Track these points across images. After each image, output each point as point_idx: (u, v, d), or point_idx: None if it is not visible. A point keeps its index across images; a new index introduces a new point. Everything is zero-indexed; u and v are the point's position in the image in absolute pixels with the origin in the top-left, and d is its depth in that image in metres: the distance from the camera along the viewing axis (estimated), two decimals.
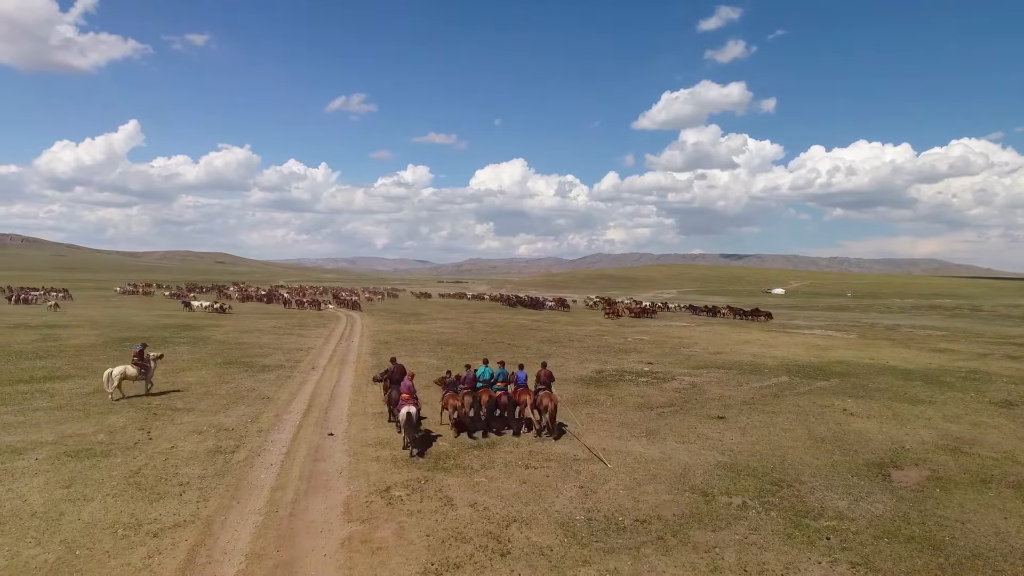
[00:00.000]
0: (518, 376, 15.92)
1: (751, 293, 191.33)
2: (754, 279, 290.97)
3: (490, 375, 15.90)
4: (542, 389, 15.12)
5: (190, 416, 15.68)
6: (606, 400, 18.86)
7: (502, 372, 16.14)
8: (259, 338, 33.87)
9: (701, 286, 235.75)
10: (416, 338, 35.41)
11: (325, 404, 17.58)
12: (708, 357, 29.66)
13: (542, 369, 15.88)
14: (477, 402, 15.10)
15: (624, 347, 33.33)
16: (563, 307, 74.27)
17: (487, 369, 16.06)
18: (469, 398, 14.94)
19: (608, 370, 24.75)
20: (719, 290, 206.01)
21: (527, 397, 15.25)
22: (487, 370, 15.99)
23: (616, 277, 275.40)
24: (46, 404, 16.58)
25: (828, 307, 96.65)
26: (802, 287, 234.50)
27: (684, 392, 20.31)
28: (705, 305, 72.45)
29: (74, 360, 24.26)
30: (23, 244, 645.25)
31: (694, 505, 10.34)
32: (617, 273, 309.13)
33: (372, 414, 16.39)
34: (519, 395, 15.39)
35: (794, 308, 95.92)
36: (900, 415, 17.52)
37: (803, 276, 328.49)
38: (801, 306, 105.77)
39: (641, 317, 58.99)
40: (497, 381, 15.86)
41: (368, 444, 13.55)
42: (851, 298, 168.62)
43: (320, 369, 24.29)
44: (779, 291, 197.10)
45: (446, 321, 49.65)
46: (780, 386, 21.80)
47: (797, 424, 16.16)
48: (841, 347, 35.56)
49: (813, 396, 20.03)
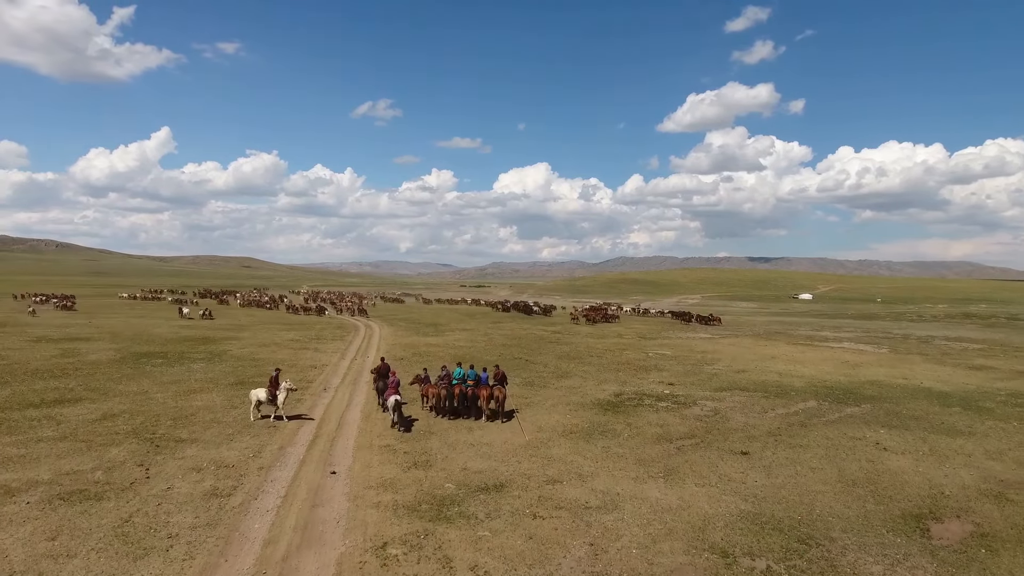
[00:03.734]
0: (481, 376, 20.66)
1: (777, 298, 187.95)
2: (781, 283, 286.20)
3: (461, 374, 20.68)
4: (495, 385, 20.24)
5: (193, 449, 15.27)
6: (623, 430, 18.04)
7: (471, 373, 20.96)
8: (275, 353, 33.64)
9: (726, 290, 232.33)
10: (433, 353, 34.85)
11: (332, 434, 17.07)
12: (732, 376, 28.62)
13: (496, 370, 21.28)
14: (451, 395, 20.04)
15: (645, 364, 32.41)
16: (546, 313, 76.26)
17: (460, 370, 20.92)
18: (444, 391, 19.97)
19: (627, 392, 23.90)
20: (744, 295, 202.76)
21: (485, 392, 19.79)
22: (460, 371, 20.88)
23: (639, 281, 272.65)
24: (51, 433, 16.32)
25: (858, 314, 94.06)
26: (830, 291, 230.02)
27: (706, 420, 19.40)
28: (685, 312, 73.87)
29: (88, 380, 24.13)
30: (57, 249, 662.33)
31: (713, 570, 9.53)
32: (641, 277, 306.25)
33: (378, 447, 15.82)
34: (480, 391, 19.92)
35: (822, 316, 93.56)
36: (938, 450, 16.43)
37: (831, 280, 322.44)
38: (829, 313, 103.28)
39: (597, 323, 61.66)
40: (467, 380, 20.50)
41: (370, 486, 12.95)
42: (881, 303, 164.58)
43: (332, 390, 23.89)
44: (806, 296, 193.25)
45: (464, 332, 49.10)
46: (808, 413, 20.76)
47: (826, 462, 15.19)
48: (872, 364, 34.18)
49: (843, 426, 18.99)
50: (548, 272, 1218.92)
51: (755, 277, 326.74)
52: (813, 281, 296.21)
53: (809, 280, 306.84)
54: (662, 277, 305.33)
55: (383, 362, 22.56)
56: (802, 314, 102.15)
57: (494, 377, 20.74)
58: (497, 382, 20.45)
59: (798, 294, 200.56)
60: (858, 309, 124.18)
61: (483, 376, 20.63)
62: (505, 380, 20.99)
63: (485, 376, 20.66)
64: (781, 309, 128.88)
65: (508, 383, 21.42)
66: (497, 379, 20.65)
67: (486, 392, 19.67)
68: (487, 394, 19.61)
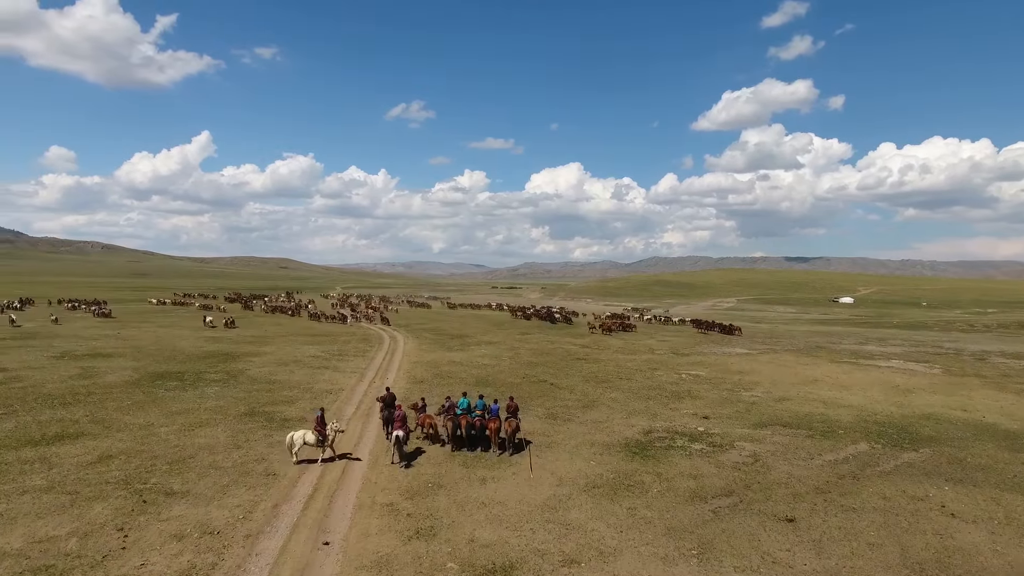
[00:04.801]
0: (492, 408, 20.05)
1: (816, 302, 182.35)
2: (819, 285, 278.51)
3: (466, 404, 20.27)
4: (509, 417, 19.80)
5: (181, 506, 14.12)
6: (652, 483, 16.34)
7: (480, 403, 20.53)
8: (293, 373, 32.69)
9: (762, 293, 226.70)
10: (455, 374, 33.49)
11: (334, 485, 15.78)
12: (772, 407, 26.57)
13: (510, 402, 20.59)
14: (457, 425, 19.52)
15: (677, 389, 30.51)
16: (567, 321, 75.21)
17: (465, 400, 20.57)
18: (451, 422, 19.55)
19: (658, 429, 22.12)
20: (781, 298, 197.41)
21: (494, 424, 19.35)
22: (465, 400, 20.52)
23: (672, 283, 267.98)
24: (39, 482, 15.38)
25: (904, 323, 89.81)
26: (872, 294, 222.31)
27: (745, 470, 17.55)
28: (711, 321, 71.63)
29: (97, 409, 23.37)
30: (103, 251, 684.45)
31: None
32: (674, 279, 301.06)
33: (381, 506, 14.44)
34: (490, 423, 19.46)
35: (865, 324, 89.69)
36: (1015, 517, 14.35)
37: (872, 281, 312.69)
38: (873, 321, 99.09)
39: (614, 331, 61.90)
40: (476, 410, 20.20)
41: (363, 565, 11.57)
42: (927, 307, 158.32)
43: (344, 422, 22.67)
44: (847, 300, 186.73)
45: (490, 346, 47.67)
46: (859, 460, 18.74)
47: (886, 534, 13.29)
48: (925, 389, 31.67)
49: (901, 479, 16.96)
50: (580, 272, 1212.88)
51: (792, 278, 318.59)
52: (853, 283, 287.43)
53: (849, 281, 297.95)
54: (696, 279, 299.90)
55: (388, 391, 21.72)
56: (844, 321, 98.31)
57: (507, 409, 20.19)
58: (510, 414, 19.95)
59: (838, 297, 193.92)
60: (903, 316, 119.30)
61: (494, 407, 20.12)
62: (518, 412, 20.41)
63: (496, 408, 20.11)
64: (821, 314, 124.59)
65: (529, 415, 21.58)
66: (510, 411, 20.09)
67: (495, 425, 19.31)
68: (496, 427, 19.28)
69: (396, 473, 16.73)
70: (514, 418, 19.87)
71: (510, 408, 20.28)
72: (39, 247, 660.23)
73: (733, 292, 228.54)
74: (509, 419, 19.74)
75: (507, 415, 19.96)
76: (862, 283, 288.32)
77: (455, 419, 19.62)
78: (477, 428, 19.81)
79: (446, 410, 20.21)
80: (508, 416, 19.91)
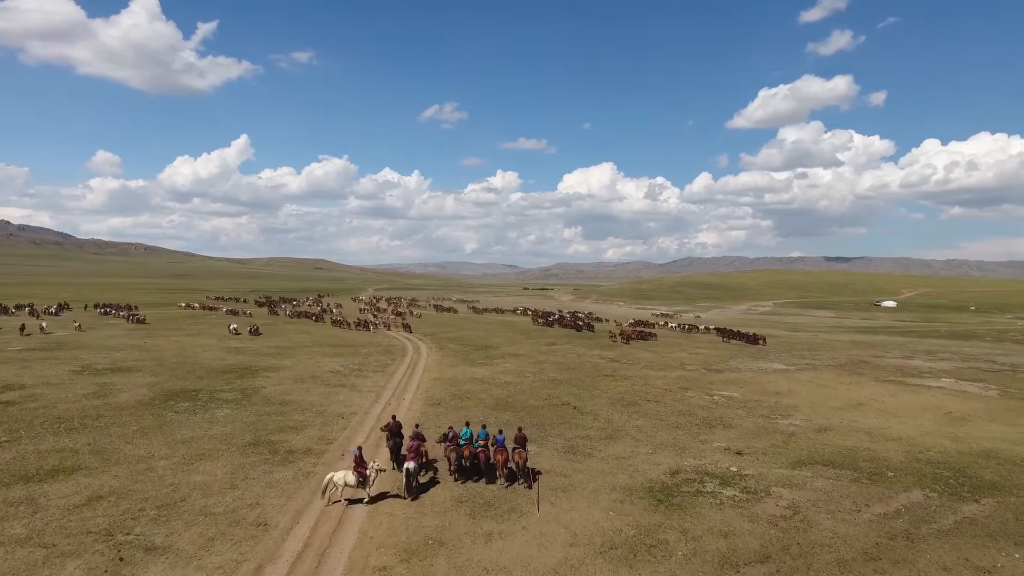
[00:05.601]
0: (498, 439, 19.56)
1: (857, 305, 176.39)
2: (860, 286, 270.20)
3: (469, 435, 19.88)
4: (516, 448, 19.18)
5: (159, 565, 13.03)
6: (677, 543, 14.65)
7: (482, 432, 20.28)
8: (309, 392, 31.74)
9: (800, 296, 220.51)
10: (474, 395, 32.09)
11: (326, 542, 14.50)
12: (812, 439, 24.52)
13: (518, 432, 19.98)
14: (460, 456, 19.22)
15: (708, 415, 28.60)
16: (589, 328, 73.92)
17: (467, 430, 20.10)
18: (454, 453, 19.22)
19: (686, 469, 20.36)
20: (820, 301, 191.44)
21: (502, 456, 18.94)
22: (467, 431, 20.06)
23: (707, 285, 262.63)
24: (19, 530, 14.49)
25: (952, 333, 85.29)
26: (916, 297, 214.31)
27: (783, 527, 15.72)
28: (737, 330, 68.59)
29: (101, 436, 22.62)
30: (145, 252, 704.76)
31: None
32: (708, 280, 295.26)
33: (373, 570, 13.11)
34: (497, 455, 19.11)
35: (910, 333, 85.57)
36: None
37: (916, 283, 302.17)
38: (919, 329, 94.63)
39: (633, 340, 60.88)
40: (479, 439, 19.92)
41: None
42: (975, 312, 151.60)
43: (349, 456, 21.47)
44: (890, 303, 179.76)
45: (515, 360, 46.21)
46: (912, 513, 16.74)
47: None
48: (982, 417, 29.17)
49: (963, 542, 14.95)
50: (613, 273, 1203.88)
51: (832, 280, 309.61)
52: (896, 284, 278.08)
53: (892, 283, 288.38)
54: (731, 280, 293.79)
55: (394, 419, 21.48)
56: (887, 329, 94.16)
57: (515, 440, 19.67)
58: (518, 445, 19.42)
59: (880, 301, 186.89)
60: (951, 322, 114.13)
61: (499, 438, 19.66)
62: (526, 443, 19.84)
63: (502, 439, 19.63)
64: (862, 320, 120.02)
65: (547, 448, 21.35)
66: (518, 442, 19.56)
67: (503, 457, 18.94)
68: (504, 459, 18.92)
69: (396, 525, 15.39)
70: (523, 449, 19.27)
71: (518, 439, 19.68)
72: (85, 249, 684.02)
73: (770, 294, 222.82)
74: (518, 450, 19.14)
75: (515, 445, 19.37)
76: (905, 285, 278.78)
77: (458, 449, 19.32)
78: (481, 459, 19.45)
79: (448, 440, 19.86)
80: (516, 447, 19.31)
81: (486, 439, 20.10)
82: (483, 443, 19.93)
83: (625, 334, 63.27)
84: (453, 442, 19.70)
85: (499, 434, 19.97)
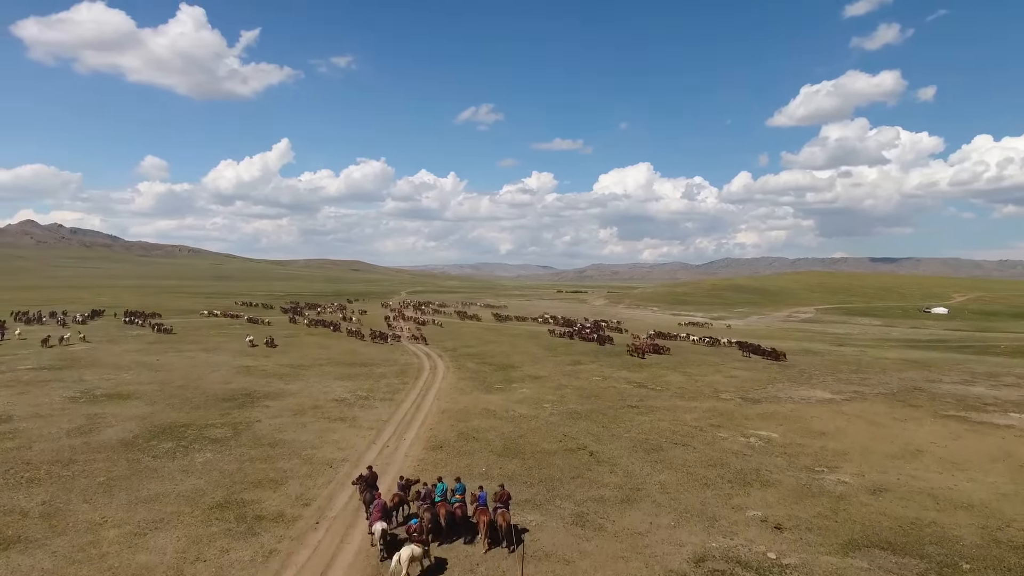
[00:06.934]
0: (480, 497, 18.34)
1: (905, 312, 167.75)
2: (907, 289, 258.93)
3: (444, 490, 18.89)
4: (499, 508, 17.87)
5: None
6: None
7: (459, 487, 19.31)
8: (304, 429, 29.39)
9: (844, 300, 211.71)
10: (481, 435, 29.19)
11: None
12: (866, 505, 20.96)
13: (500, 490, 18.77)
14: (435, 515, 17.82)
15: (743, 465, 25.18)
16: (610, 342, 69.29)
17: (442, 485, 19.08)
18: (428, 513, 17.68)
19: (713, 555, 17.07)
20: (865, 307, 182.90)
21: (485, 517, 17.50)
22: (442, 486, 19.03)
23: (746, 288, 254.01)
24: None
25: (1014, 350, 78.44)
26: (968, 302, 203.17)
27: None
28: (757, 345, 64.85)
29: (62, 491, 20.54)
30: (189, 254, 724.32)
31: None
32: (746, 284, 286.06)
33: None
34: (480, 515, 17.63)
35: (966, 349, 79.44)
36: None
37: (967, 285, 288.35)
38: (975, 343, 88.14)
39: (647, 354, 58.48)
40: (456, 494, 18.98)
41: None
42: None
43: (327, 522, 18.90)
44: (940, 310, 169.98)
45: (534, 383, 43.24)
46: None
47: None
48: None
49: None
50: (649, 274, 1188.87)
51: (877, 283, 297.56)
52: (946, 288, 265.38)
53: (941, 286, 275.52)
54: (770, 283, 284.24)
55: (370, 470, 20.53)
56: (939, 343, 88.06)
57: (498, 498, 18.46)
58: (501, 504, 18.20)
59: (930, 307, 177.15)
60: (1009, 333, 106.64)
61: (481, 496, 18.52)
62: (509, 501, 18.66)
63: (483, 496, 18.49)
64: (912, 330, 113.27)
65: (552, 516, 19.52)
66: (501, 500, 18.37)
67: (486, 518, 17.61)
68: (487, 520, 17.57)
69: None
70: (506, 509, 18.04)
71: (501, 497, 18.49)
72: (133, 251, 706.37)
73: (812, 299, 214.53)
74: (501, 510, 17.85)
75: (497, 505, 18.16)
76: (956, 288, 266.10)
77: (432, 508, 18.13)
78: (458, 515, 18.44)
79: (422, 498, 18.75)
80: (498, 507, 18.08)
81: (463, 494, 19.14)
82: (460, 498, 18.96)
83: (640, 349, 60.56)
84: (427, 500, 18.53)
85: (480, 491, 18.83)
